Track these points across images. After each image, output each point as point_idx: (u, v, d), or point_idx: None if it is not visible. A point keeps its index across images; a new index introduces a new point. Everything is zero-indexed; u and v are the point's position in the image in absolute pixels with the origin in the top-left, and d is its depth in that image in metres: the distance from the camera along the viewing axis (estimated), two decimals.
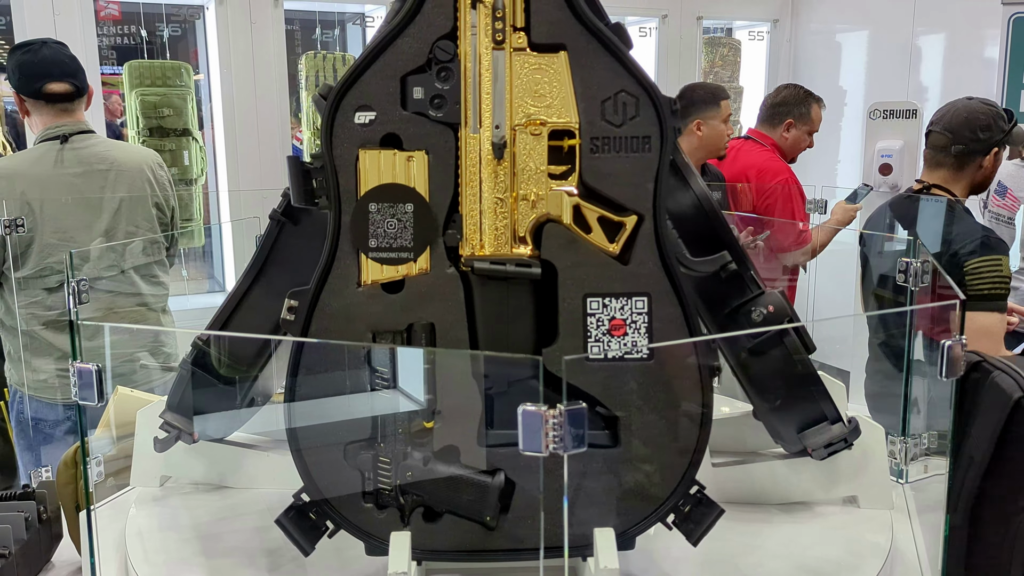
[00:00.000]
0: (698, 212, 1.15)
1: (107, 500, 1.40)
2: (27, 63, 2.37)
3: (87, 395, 0.97)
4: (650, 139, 1.01)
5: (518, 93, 1.02)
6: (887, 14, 5.54)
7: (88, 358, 0.99)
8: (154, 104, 4.26)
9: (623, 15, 5.73)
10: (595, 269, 1.02)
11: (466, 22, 1.03)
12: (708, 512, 1.03)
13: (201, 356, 1.24)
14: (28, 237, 2.32)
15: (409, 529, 1.00)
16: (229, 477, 1.40)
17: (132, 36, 4.97)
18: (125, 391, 1.61)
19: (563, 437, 0.77)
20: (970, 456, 1.56)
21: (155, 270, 2.58)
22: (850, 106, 5.81)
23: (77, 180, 2.39)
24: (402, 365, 1.03)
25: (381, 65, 1.04)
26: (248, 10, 4.50)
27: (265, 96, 4.57)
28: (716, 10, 5.88)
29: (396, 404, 1.03)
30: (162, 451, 1.28)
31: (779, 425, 1.24)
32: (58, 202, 2.36)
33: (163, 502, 1.39)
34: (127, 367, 2.34)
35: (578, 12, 1.02)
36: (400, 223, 1.03)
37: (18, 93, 2.40)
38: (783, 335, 1.17)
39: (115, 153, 2.50)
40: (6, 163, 2.41)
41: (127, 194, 2.47)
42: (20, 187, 2.31)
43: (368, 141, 1.04)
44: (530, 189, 1.02)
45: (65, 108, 2.41)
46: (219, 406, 1.28)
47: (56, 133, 2.38)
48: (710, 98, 3.33)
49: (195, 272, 4.78)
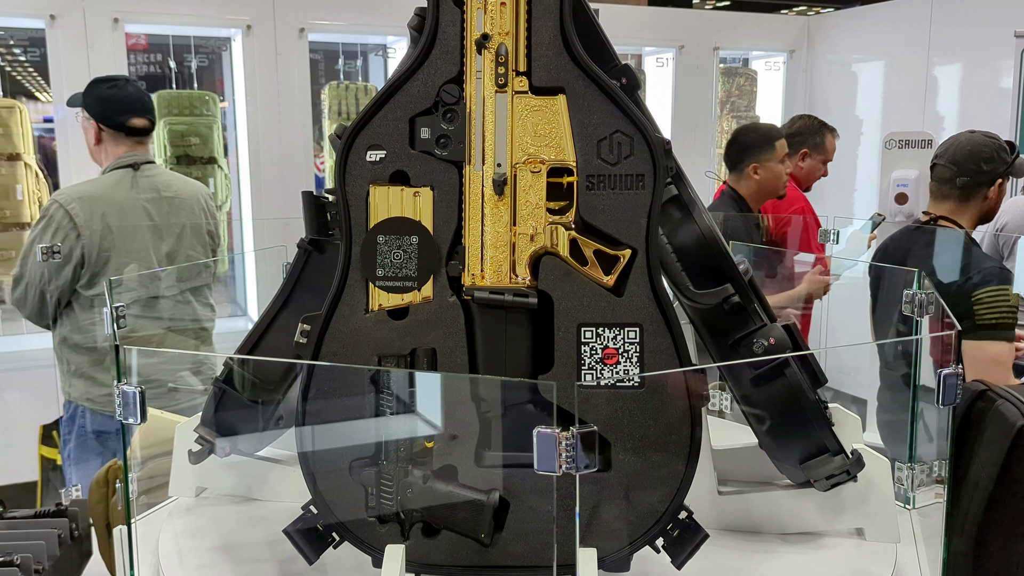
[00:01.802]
0: (702, 245, 1.19)
1: (139, 517, 1.45)
2: (113, 98, 2.58)
3: (130, 415, 1.04)
4: (643, 177, 1.07)
5: (519, 133, 1.09)
6: (902, 45, 5.59)
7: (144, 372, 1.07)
8: (181, 133, 4.39)
9: (641, 46, 5.83)
10: (589, 300, 1.07)
11: (472, 67, 1.10)
12: (693, 536, 1.07)
13: (232, 375, 1.30)
14: (104, 257, 2.48)
15: (406, 543, 1.05)
16: (257, 489, 1.45)
17: (160, 64, 5.12)
18: (155, 412, 1.67)
19: (575, 458, 0.83)
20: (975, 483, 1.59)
21: (205, 293, 2.76)
22: (866, 135, 5.85)
23: (148, 205, 2.58)
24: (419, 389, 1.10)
25: (392, 107, 1.11)
26: (274, 41, 4.63)
27: (289, 124, 4.69)
28: (732, 41, 5.96)
29: (412, 427, 1.09)
30: (196, 463, 1.34)
31: (781, 456, 1.27)
32: (131, 224, 2.55)
33: (196, 511, 1.45)
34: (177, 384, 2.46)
35: (576, 57, 1.09)
36: (405, 254, 1.09)
37: (97, 122, 2.58)
38: (784, 367, 1.20)
39: (176, 183, 2.71)
40: (86, 188, 2.57)
41: (188, 221, 2.67)
42: (101, 209, 2.49)
43: (378, 177, 1.11)
44: (529, 223, 1.09)
45: (140, 140, 2.63)
46: (248, 422, 1.34)
47: (129, 162, 2.58)
48: (764, 140, 3.30)
49: (218, 297, 4.88)
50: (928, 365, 1.47)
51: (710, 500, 1.35)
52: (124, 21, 4.31)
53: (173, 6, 4.48)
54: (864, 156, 5.88)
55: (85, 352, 2.54)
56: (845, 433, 1.41)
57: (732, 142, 3.36)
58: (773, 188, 3.33)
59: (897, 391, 2.48)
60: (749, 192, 3.28)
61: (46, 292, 2.46)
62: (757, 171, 3.25)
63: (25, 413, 3.63)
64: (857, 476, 1.27)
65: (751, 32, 6.09)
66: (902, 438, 1.57)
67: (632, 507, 1.05)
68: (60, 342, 2.57)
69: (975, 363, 2.37)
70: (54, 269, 2.44)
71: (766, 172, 3.26)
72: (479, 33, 1.09)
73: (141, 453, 1.56)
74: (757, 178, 3.26)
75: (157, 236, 2.60)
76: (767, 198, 3.37)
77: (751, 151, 3.26)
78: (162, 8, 4.45)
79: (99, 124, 2.58)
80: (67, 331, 2.54)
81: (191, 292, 2.71)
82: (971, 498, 1.57)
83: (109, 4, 4.24)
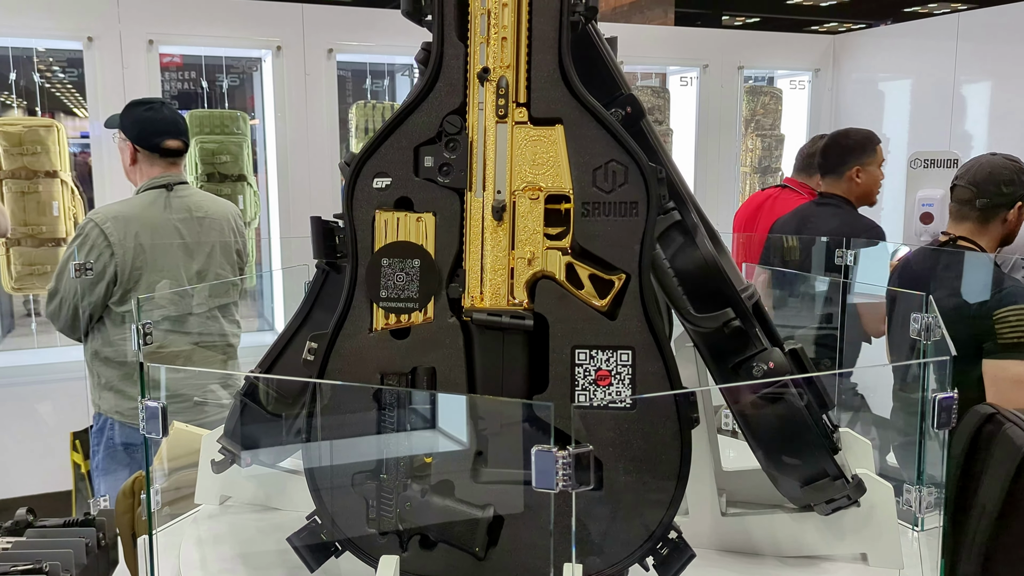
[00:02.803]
0: (703, 270, 1.22)
1: (163, 527, 1.51)
2: (149, 120, 2.67)
3: (152, 429, 1.09)
4: (637, 204, 1.11)
5: (518, 162, 1.13)
6: (929, 64, 5.58)
7: (171, 386, 1.12)
8: (212, 151, 4.49)
9: (665, 65, 5.87)
10: (583, 323, 1.11)
11: (474, 99, 1.15)
12: (680, 555, 1.10)
13: (253, 389, 1.36)
14: (136, 274, 2.57)
15: (402, 554, 1.09)
16: (276, 499, 1.50)
17: (193, 81, 5.24)
18: (180, 426, 1.73)
19: (571, 476, 0.86)
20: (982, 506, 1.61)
21: (232, 309, 2.84)
22: (893, 154, 5.83)
23: (180, 225, 2.67)
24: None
25: (397, 136, 1.16)
26: (303, 61, 4.73)
27: (317, 142, 4.79)
28: (757, 60, 5.97)
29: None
30: (218, 472, 1.39)
31: (782, 479, 1.29)
32: (163, 243, 2.64)
33: (219, 519, 1.50)
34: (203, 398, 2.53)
35: (573, 89, 1.13)
36: (408, 276, 1.14)
37: (134, 144, 2.67)
38: (783, 391, 1.22)
39: (208, 203, 2.80)
40: (120, 207, 2.66)
41: (217, 240, 2.76)
42: (134, 228, 2.57)
43: (384, 203, 1.16)
44: (527, 248, 1.13)
45: (174, 162, 2.72)
46: (267, 435, 1.39)
47: (163, 182, 2.67)
48: (867, 143, 3.33)
49: (246, 311, 4.98)
50: None
51: (713, 521, 1.37)
52: (158, 43, 4.44)
53: (206, 28, 4.60)
54: (891, 175, 5.83)
55: (115, 366, 2.62)
56: (855, 458, 1.45)
57: (832, 145, 3.37)
58: (871, 193, 3.36)
59: (909, 413, 2.48)
60: (850, 196, 3.30)
61: (79, 307, 2.55)
62: (859, 174, 3.27)
63: (58, 424, 3.73)
64: (860, 501, 1.28)
65: (776, 51, 6.10)
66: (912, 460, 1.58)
67: (623, 525, 1.08)
68: (92, 355, 2.65)
69: (997, 383, 2.37)
70: (87, 285, 2.52)
71: (867, 176, 3.29)
72: (481, 66, 1.14)
73: (168, 465, 1.62)
74: (859, 181, 3.28)
75: (188, 255, 2.69)
76: (861, 204, 3.38)
77: (855, 153, 3.28)
78: (195, 30, 4.57)
79: (135, 145, 2.67)
80: (98, 345, 2.62)
81: (219, 309, 2.79)
82: (979, 521, 1.58)
83: (144, 27, 4.37)
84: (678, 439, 1.08)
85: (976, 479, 1.62)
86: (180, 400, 2.43)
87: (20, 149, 4.03)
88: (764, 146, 5.88)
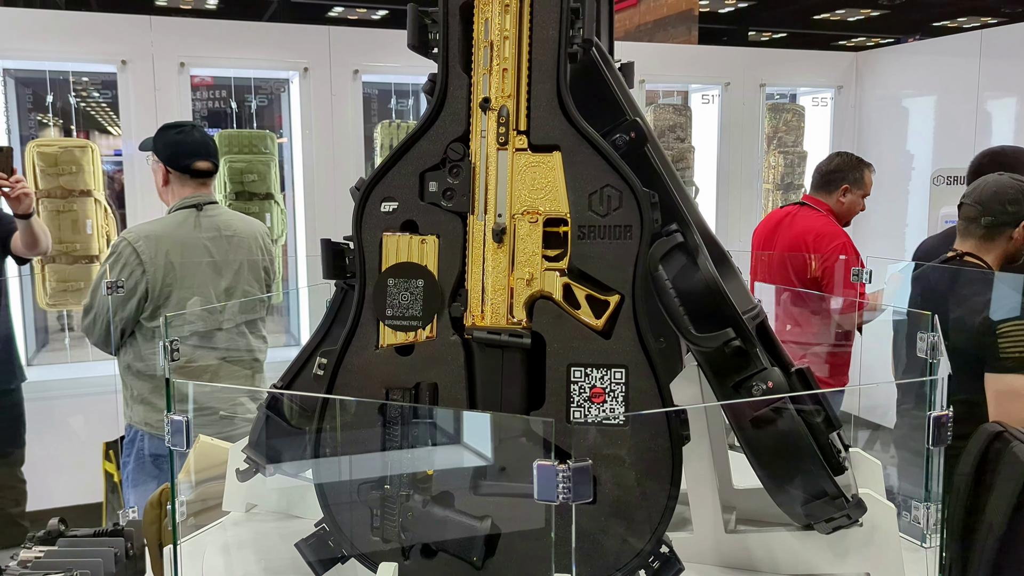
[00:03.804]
0: (705, 290, 1.25)
1: (188, 537, 1.56)
2: (180, 142, 2.77)
3: (178, 442, 1.14)
4: (631, 228, 1.16)
5: (518, 186, 1.19)
6: (952, 80, 5.57)
7: (200, 400, 1.17)
8: (240, 170, 4.60)
9: (688, 83, 5.91)
10: (579, 342, 1.15)
11: (477, 127, 1.21)
12: (670, 568, 1.13)
13: (275, 402, 1.41)
14: (167, 291, 2.66)
15: (404, 562, 1.14)
16: (298, 507, 1.56)
17: (222, 100, 5.37)
18: (206, 439, 1.79)
19: (571, 489, 0.90)
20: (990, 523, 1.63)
21: (259, 325, 2.92)
22: (917, 171, 5.82)
23: (209, 243, 2.76)
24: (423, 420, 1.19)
25: (404, 163, 1.22)
26: (329, 82, 4.83)
27: (342, 161, 4.88)
28: (779, 77, 5.99)
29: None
30: (243, 481, 1.45)
31: (782, 498, 1.30)
32: (193, 261, 2.72)
33: (244, 525, 1.56)
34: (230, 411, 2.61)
35: (570, 117, 1.18)
36: (412, 296, 1.20)
37: (166, 165, 2.77)
38: (782, 411, 1.24)
39: (236, 222, 2.88)
40: (152, 227, 2.76)
41: (245, 258, 2.84)
42: (165, 247, 2.67)
43: (391, 226, 1.22)
44: (526, 269, 1.18)
45: (204, 182, 2.82)
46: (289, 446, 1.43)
47: (193, 202, 2.77)
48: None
49: (273, 327, 5.07)
50: None
51: (717, 539, 1.40)
52: (190, 65, 4.57)
53: (235, 51, 4.72)
54: (915, 192, 5.84)
55: (146, 379, 2.70)
56: (864, 477, 1.46)
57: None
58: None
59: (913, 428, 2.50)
60: None
61: (111, 323, 2.64)
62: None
63: (90, 437, 3.81)
64: (862, 520, 1.30)
65: (798, 68, 6.12)
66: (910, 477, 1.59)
67: (615, 539, 1.12)
68: (124, 369, 2.75)
69: (999, 396, 2.39)
70: (119, 302, 2.61)
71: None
72: (483, 96, 1.20)
73: (195, 476, 1.68)
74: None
75: (216, 272, 2.77)
76: None
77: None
78: (225, 53, 4.70)
79: (167, 167, 2.77)
80: (130, 359, 2.71)
81: (246, 325, 2.87)
82: (985, 538, 1.60)
83: (176, 50, 4.50)
84: (669, 455, 1.12)
85: (984, 497, 1.64)
86: (207, 413, 2.50)
87: (56, 169, 4.16)
88: (786, 163, 5.89)
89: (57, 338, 5.22)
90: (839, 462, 1.36)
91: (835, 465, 1.35)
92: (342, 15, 13.87)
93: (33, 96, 4.98)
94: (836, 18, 14.56)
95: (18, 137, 4.69)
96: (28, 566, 1.40)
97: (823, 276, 3.57)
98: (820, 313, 3.53)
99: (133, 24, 4.51)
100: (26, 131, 4.95)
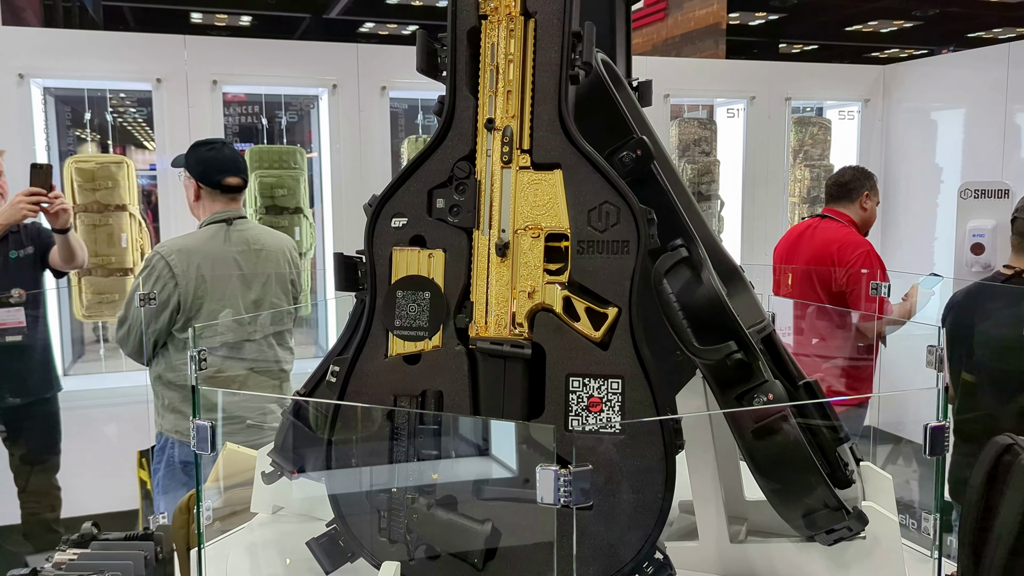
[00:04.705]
0: (708, 304, 1.28)
1: (214, 541, 1.61)
2: (212, 159, 2.87)
3: (202, 447, 1.20)
4: (628, 243, 1.20)
5: (520, 203, 1.24)
6: (980, 93, 5.54)
7: (228, 409, 1.23)
8: (271, 185, 4.71)
9: (712, 97, 5.94)
10: (577, 352, 1.19)
11: (482, 146, 1.26)
12: (662, 573, 1.17)
13: (298, 408, 1.45)
14: (198, 303, 2.76)
15: (409, 561, 1.19)
16: (321, 510, 1.58)
17: (254, 116, 5.49)
18: (233, 447, 1.85)
19: (573, 493, 0.94)
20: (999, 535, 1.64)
21: (286, 337, 3.00)
22: (946, 184, 5.78)
23: (239, 257, 2.86)
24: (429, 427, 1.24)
25: (413, 181, 1.28)
26: (357, 98, 4.94)
27: (370, 175, 4.97)
28: (805, 91, 6.00)
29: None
30: (268, 483, 1.49)
31: (783, 508, 1.32)
32: (223, 274, 2.82)
33: (270, 526, 1.61)
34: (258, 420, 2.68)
35: (571, 136, 1.23)
36: (419, 307, 1.25)
37: (197, 181, 2.87)
38: (783, 423, 1.26)
39: (264, 236, 2.98)
40: (184, 241, 2.86)
41: (273, 271, 2.93)
42: (197, 260, 2.76)
43: (400, 241, 1.28)
44: (528, 282, 1.23)
45: (234, 197, 2.91)
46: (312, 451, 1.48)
47: (223, 217, 2.86)
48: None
49: (302, 339, 5.16)
50: None
51: (721, 548, 1.42)
52: (222, 83, 4.69)
53: (266, 68, 4.84)
54: (944, 206, 5.81)
55: (177, 389, 2.79)
56: (875, 491, 1.47)
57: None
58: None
59: None
60: None
61: (144, 334, 2.73)
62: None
63: (124, 445, 3.91)
64: (865, 533, 1.32)
65: (824, 82, 6.12)
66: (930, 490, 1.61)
67: (611, 544, 1.16)
68: (155, 379, 2.83)
69: None
70: (153, 314, 2.70)
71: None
72: (488, 116, 1.25)
73: (224, 482, 1.74)
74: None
75: (245, 285, 2.86)
76: None
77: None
78: (256, 71, 4.82)
79: (199, 182, 2.87)
80: (162, 369, 2.80)
81: (274, 336, 2.95)
82: (995, 549, 1.62)
83: (208, 68, 4.63)
84: (663, 463, 1.15)
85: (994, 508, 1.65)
86: (235, 422, 2.58)
87: (93, 184, 4.29)
88: (812, 176, 5.88)
89: (92, 349, 5.35)
90: (847, 475, 1.38)
91: (842, 478, 1.38)
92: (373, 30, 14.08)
93: (72, 113, 5.14)
94: (868, 30, 14.48)
95: (57, 153, 4.85)
96: (62, 568, 1.46)
97: (848, 285, 3.58)
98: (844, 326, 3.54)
99: (168, 44, 4.65)
100: (65, 147, 5.11)
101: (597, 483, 1.15)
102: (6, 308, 3.27)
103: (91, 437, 4.26)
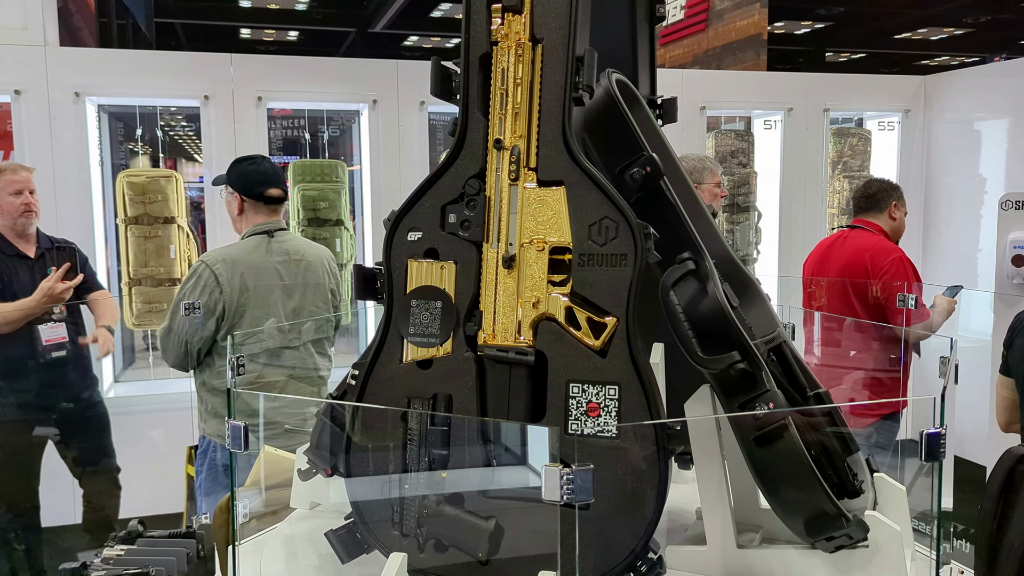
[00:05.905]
0: (713, 315, 1.33)
1: (252, 536, 1.68)
2: (253, 172, 3.00)
3: (236, 444, 1.29)
4: (626, 256, 1.27)
5: (526, 218, 1.31)
6: None
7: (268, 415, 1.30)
8: (313, 198, 4.84)
9: (750, 109, 5.94)
10: (577, 360, 1.26)
11: (492, 164, 1.34)
12: (653, 572, 1.23)
13: (333, 410, 1.52)
14: (241, 311, 2.88)
15: (418, 554, 1.27)
16: None
17: (298, 129, 5.65)
18: (271, 450, 1.93)
19: (575, 491, 1.00)
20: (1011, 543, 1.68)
21: (324, 345, 3.11)
22: (989, 195, 5.71)
23: (280, 267, 2.97)
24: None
25: (428, 197, 1.37)
26: (397, 113, 5.06)
27: (409, 188, 5.03)
28: (843, 102, 5.97)
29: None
30: (305, 480, 1.58)
31: (785, 516, 1.37)
32: (265, 284, 2.93)
33: (307, 521, 1.67)
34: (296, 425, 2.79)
35: (574, 155, 1.30)
36: (431, 316, 1.33)
37: (240, 195, 2.99)
38: (784, 431, 1.30)
39: (304, 247, 3.09)
40: (228, 251, 2.98)
41: (313, 281, 3.03)
42: (240, 269, 2.88)
43: (415, 253, 1.36)
44: (533, 293, 1.30)
45: (275, 209, 3.03)
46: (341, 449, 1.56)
47: (264, 228, 2.98)
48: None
49: (343, 347, 5.28)
50: None
51: (727, 553, 1.46)
52: (267, 99, 4.85)
53: (309, 85, 4.99)
54: (986, 217, 5.74)
55: (220, 394, 2.91)
56: (888, 502, 1.50)
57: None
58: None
59: None
60: None
61: (189, 343, 2.85)
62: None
63: (170, 449, 4.05)
64: (869, 541, 1.34)
65: (863, 93, 6.09)
66: None
67: (606, 542, 1.22)
68: (200, 385, 2.96)
69: None
70: (198, 322, 2.83)
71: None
72: (497, 136, 1.33)
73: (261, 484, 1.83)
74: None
75: (286, 294, 2.97)
76: None
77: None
78: (299, 87, 4.97)
79: (241, 196, 2.99)
80: (206, 376, 2.92)
81: (312, 344, 3.06)
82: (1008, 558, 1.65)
83: (254, 85, 4.79)
84: (657, 466, 1.22)
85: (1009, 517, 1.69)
86: (274, 427, 2.68)
87: (143, 198, 4.47)
88: (851, 187, 5.85)
89: (142, 356, 5.54)
90: (855, 485, 1.43)
91: (851, 488, 1.43)
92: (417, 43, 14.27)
93: (124, 129, 5.35)
94: (918, 38, 14.29)
95: (110, 166, 5.06)
96: (110, 563, 1.56)
97: (883, 292, 3.58)
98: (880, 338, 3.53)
99: (215, 62, 4.82)
100: (117, 161, 5.32)
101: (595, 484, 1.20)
102: (49, 324, 3.41)
103: (139, 441, 4.41)
